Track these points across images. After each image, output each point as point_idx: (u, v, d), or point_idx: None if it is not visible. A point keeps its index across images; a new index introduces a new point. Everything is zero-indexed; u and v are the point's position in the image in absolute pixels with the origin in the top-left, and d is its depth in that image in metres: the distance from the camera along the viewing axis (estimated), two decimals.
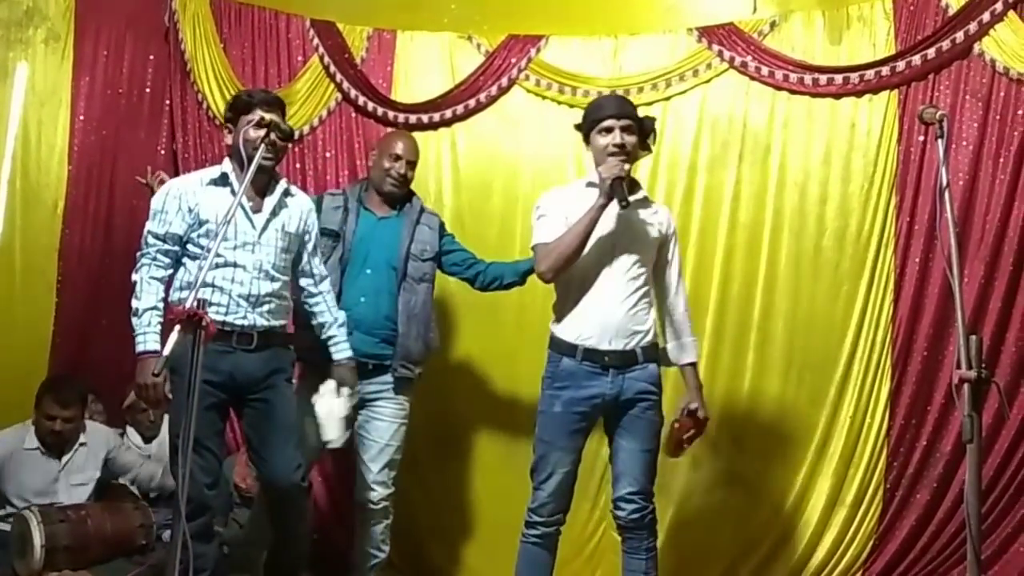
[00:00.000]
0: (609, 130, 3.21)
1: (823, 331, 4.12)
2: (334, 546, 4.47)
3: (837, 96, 4.18)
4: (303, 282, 3.61)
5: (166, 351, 2.49)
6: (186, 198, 3.40)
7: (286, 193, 3.53)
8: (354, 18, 4.83)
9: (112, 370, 4.74)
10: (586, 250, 3.18)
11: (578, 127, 3.36)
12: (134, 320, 3.37)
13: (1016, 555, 3.76)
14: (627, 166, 3.17)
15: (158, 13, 5.15)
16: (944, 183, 2.64)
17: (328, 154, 4.81)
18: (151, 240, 3.42)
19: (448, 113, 4.65)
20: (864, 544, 4.02)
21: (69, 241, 4.84)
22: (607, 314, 3.19)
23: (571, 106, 4.50)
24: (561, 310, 3.31)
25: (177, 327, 2.51)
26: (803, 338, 4.15)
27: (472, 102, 4.63)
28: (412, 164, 3.92)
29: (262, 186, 3.46)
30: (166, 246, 3.40)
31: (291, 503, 3.50)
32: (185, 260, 3.44)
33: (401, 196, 3.91)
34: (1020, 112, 3.89)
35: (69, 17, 4.87)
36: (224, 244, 3.33)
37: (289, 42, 4.94)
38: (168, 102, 5.19)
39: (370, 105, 4.73)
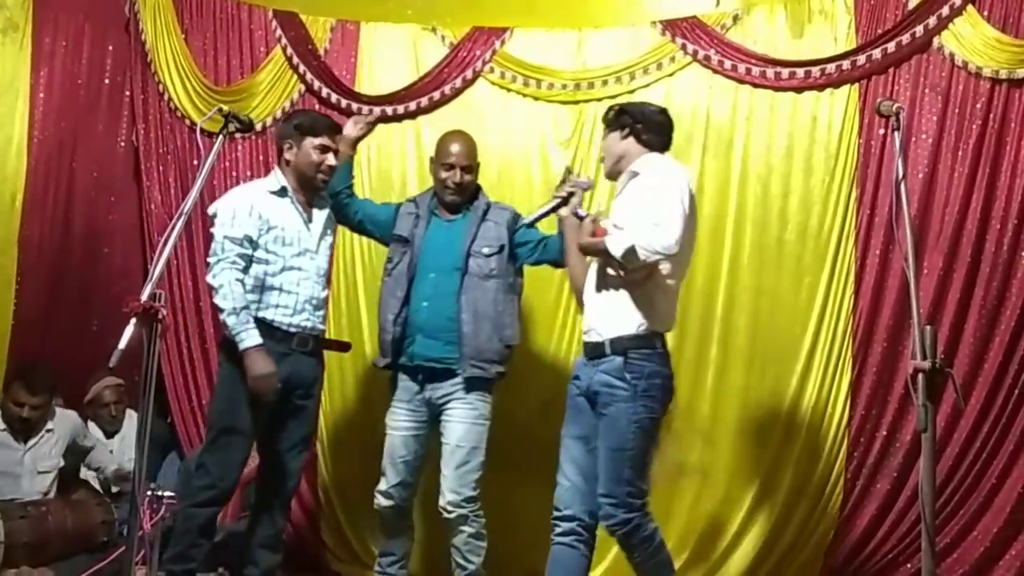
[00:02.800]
0: None
1: (785, 323, 4.15)
2: (303, 541, 4.48)
3: (799, 90, 4.20)
4: None
5: (121, 344, 2.46)
6: (257, 206, 3.57)
7: (324, 199, 3.80)
8: (317, 9, 4.80)
9: (72, 363, 4.69)
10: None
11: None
12: (231, 320, 3.49)
13: (973, 543, 3.81)
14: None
15: (118, 3, 5.12)
16: (900, 175, 2.68)
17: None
18: (228, 245, 3.52)
19: (412, 105, 4.63)
20: (826, 534, 4.05)
21: (28, 234, 4.80)
22: (586, 312, 3.27)
23: (536, 99, 4.51)
24: None
25: (132, 320, 2.49)
26: (765, 330, 4.18)
27: (437, 94, 4.61)
28: (467, 168, 3.81)
29: (311, 199, 3.73)
30: (241, 249, 3.54)
31: (285, 502, 3.76)
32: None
33: (463, 201, 3.84)
34: (979, 106, 3.92)
35: (27, 7, 4.83)
36: (289, 250, 3.60)
37: (251, 33, 4.91)
38: (128, 93, 5.15)
39: (334, 97, 4.70)
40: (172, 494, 4.08)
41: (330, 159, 3.68)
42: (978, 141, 3.91)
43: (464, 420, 3.65)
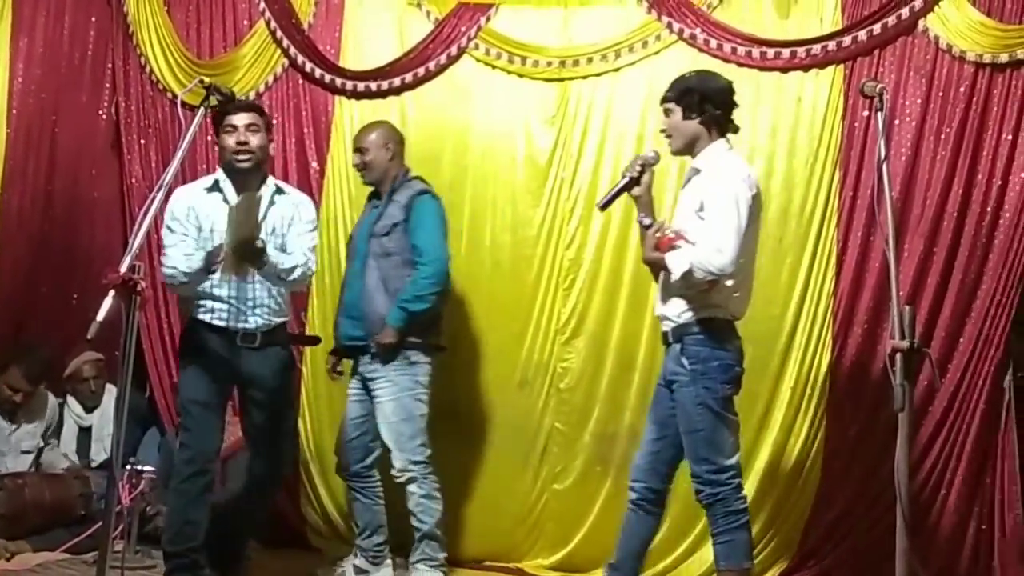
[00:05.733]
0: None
1: (766, 303, 4.13)
2: (284, 517, 4.49)
3: (784, 70, 4.19)
4: None
5: (99, 316, 2.45)
6: (193, 207, 3.52)
7: (277, 192, 3.62)
8: None
9: (52, 337, 4.67)
10: None
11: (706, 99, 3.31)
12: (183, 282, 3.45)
13: (945, 522, 3.85)
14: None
15: None
16: (882, 155, 2.68)
17: (274, 120, 4.69)
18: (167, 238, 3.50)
19: (397, 81, 4.60)
20: (802, 513, 4.07)
21: (8, 205, 4.77)
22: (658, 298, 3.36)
23: (520, 76, 4.49)
24: None
25: (111, 293, 2.48)
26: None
27: (421, 70, 4.58)
28: (361, 151, 4.02)
29: (251, 189, 3.50)
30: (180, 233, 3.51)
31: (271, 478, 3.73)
32: None
33: (380, 181, 4.03)
34: (962, 89, 3.92)
35: None
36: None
37: (235, 6, 4.87)
38: (110, 65, 5.10)
39: (317, 72, 4.68)
40: (151, 468, 4.14)
41: (241, 136, 3.49)
42: (960, 125, 3.92)
43: (387, 397, 3.84)
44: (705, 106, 3.25)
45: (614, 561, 3.41)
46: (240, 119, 3.50)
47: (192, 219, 3.51)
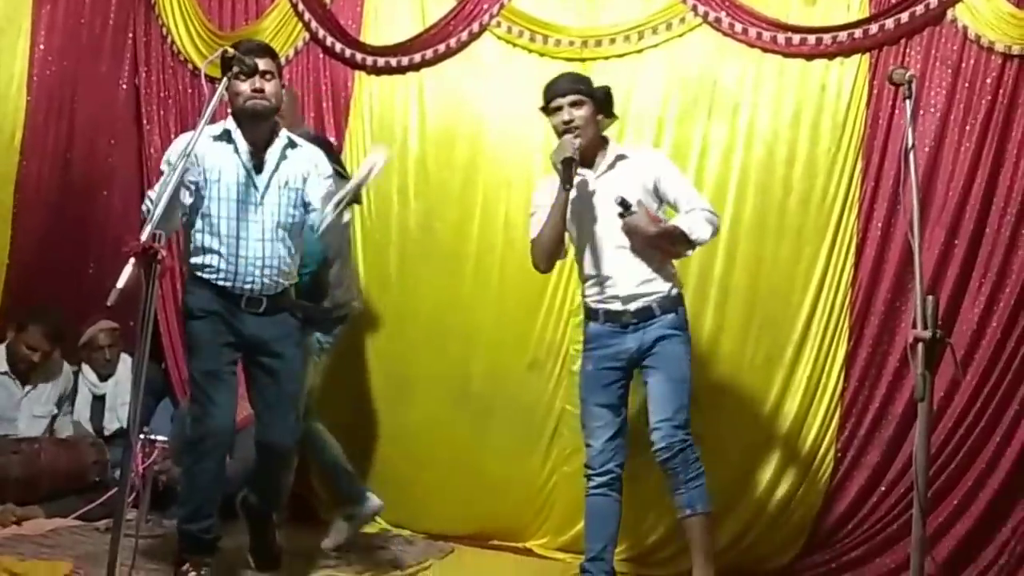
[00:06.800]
0: (559, 109, 3.41)
1: (783, 291, 4.13)
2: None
3: (809, 57, 4.15)
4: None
5: (119, 284, 2.44)
6: (197, 153, 3.24)
7: (289, 146, 3.44)
8: None
9: (68, 306, 4.69)
10: (574, 231, 3.49)
11: (542, 110, 3.53)
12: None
13: (964, 518, 3.80)
14: (577, 142, 3.35)
15: None
16: (910, 144, 2.65)
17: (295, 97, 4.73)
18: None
19: (417, 57, 4.59)
20: (814, 503, 4.05)
21: (26, 172, 4.78)
22: (614, 283, 3.42)
23: (541, 55, 4.47)
24: (583, 282, 3.56)
25: (131, 260, 2.47)
26: (763, 297, 4.16)
27: (442, 47, 4.57)
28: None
29: (262, 141, 3.38)
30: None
31: (281, 450, 3.55)
32: (197, 222, 3.34)
33: None
34: (989, 81, 3.87)
35: None
36: (229, 204, 3.31)
37: None
38: (131, 35, 5.11)
39: (338, 46, 4.67)
40: (165, 439, 4.15)
41: (256, 82, 3.28)
42: (986, 117, 3.86)
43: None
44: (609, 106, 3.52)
45: (594, 554, 3.41)
46: (257, 64, 3.25)
47: (195, 169, 3.28)
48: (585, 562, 3.46)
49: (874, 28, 4.01)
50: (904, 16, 3.97)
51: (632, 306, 3.40)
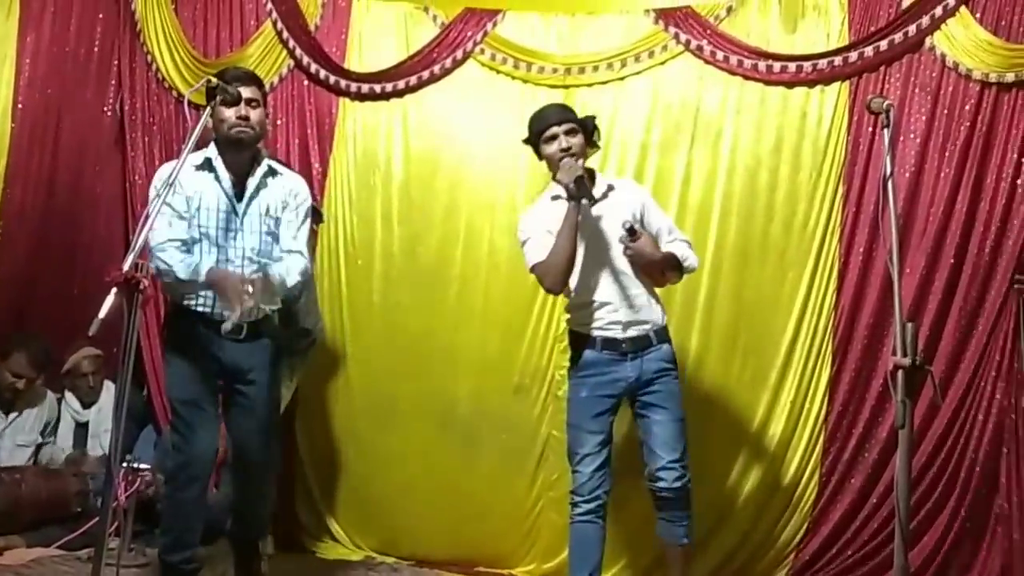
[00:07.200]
0: (554, 137, 3.45)
1: (766, 316, 4.16)
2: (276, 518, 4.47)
3: (790, 84, 4.20)
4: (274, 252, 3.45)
5: (101, 314, 2.44)
6: (180, 182, 3.25)
7: (270, 173, 3.45)
8: None
9: (52, 332, 4.66)
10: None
11: (526, 141, 3.59)
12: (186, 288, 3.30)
13: (942, 542, 3.85)
14: (580, 163, 3.41)
15: None
16: (888, 172, 2.69)
17: (279, 121, 4.75)
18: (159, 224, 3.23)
19: (401, 84, 4.61)
20: (799, 527, 4.07)
21: (10, 199, 4.77)
22: (615, 309, 3.44)
23: (525, 81, 4.50)
24: (573, 308, 3.55)
25: (113, 290, 2.47)
26: (747, 322, 4.19)
27: (426, 74, 4.59)
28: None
29: (244, 168, 3.39)
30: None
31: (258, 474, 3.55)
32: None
33: None
34: (967, 107, 3.93)
35: None
36: (210, 231, 3.32)
37: (242, 5, 4.88)
38: (116, 62, 5.10)
39: (322, 73, 4.68)
40: (147, 467, 4.13)
41: (242, 110, 3.30)
42: (965, 143, 3.92)
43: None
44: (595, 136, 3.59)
45: None
46: (241, 92, 3.31)
47: (179, 197, 3.30)
48: None
49: (853, 56, 4.07)
50: (883, 44, 4.03)
51: (631, 332, 3.43)
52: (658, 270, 3.47)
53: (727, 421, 4.18)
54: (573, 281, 3.47)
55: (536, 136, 3.52)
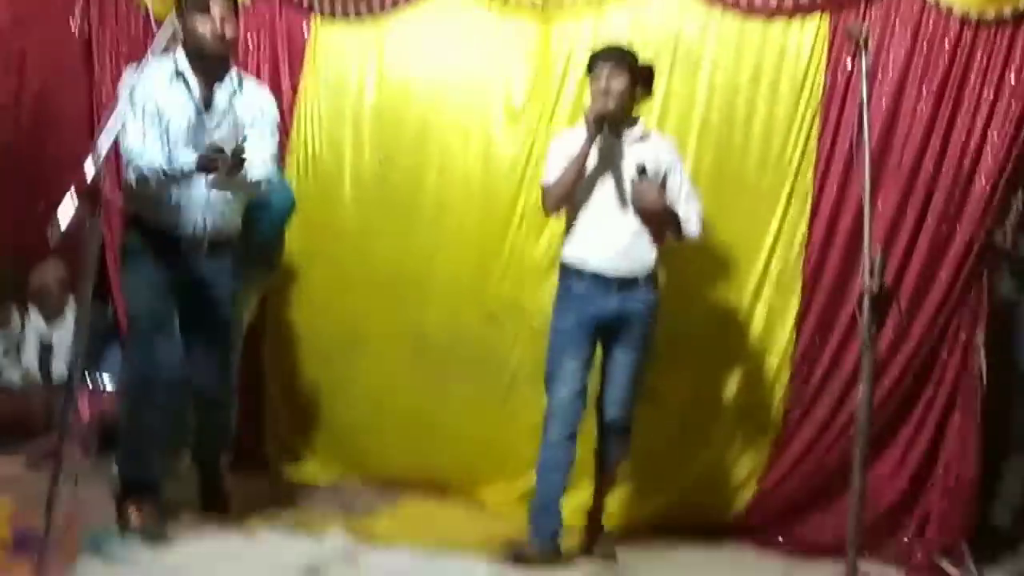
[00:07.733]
0: (598, 76, 3.60)
1: (737, 247, 4.16)
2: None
3: (770, 16, 4.15)
4: None
5: (60, 221, 2.40)
6: (154, 98, 3.26)
7: (239, 84, 3.44)
8: None
9: (16, 251, 4.60)
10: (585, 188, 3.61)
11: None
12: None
13: (902, 471, 3.93)
14: (611, 104, 3.55)
15: None
16: (864, 97, 2.67)
17: (250, 43, 4.64)
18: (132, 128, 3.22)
19: (376, 4, 4.50)
20: (761, 457, 4.13)
21: None
22: (615, 244, 3.59)
23: (502, 13, 4.39)
24: (567, 237, 3.71)
25: (70, 197, 2.42)
26: (718, 253, 4.18)
27: None
28: None
29: (214, 78, 3.35)
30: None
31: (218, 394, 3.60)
32: None
33: None
34: (946, 44, 3.89)
35: None
36: (177, 143, 3.28)
37: None
38: None
39: None
40: (111, 384, 4.10)
41: (219, 28, 3.30)
42: (943, 79, 3.90)
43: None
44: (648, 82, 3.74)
45: (546, 504, 3.57)
46: (216, 9, 3.30)
47: (151, 110, 3.27)
48: (535, 512, 3.57)
49: None
50: None
51: (622, 270, 3.58)
52: (656, 222, 3.60)
53: (696, 349, 4.20)
54: (585, 214, 3.62)
55: (588, 69, 3.68)
